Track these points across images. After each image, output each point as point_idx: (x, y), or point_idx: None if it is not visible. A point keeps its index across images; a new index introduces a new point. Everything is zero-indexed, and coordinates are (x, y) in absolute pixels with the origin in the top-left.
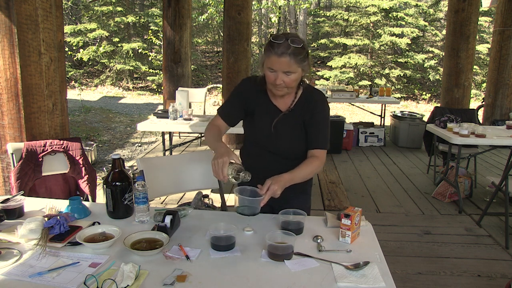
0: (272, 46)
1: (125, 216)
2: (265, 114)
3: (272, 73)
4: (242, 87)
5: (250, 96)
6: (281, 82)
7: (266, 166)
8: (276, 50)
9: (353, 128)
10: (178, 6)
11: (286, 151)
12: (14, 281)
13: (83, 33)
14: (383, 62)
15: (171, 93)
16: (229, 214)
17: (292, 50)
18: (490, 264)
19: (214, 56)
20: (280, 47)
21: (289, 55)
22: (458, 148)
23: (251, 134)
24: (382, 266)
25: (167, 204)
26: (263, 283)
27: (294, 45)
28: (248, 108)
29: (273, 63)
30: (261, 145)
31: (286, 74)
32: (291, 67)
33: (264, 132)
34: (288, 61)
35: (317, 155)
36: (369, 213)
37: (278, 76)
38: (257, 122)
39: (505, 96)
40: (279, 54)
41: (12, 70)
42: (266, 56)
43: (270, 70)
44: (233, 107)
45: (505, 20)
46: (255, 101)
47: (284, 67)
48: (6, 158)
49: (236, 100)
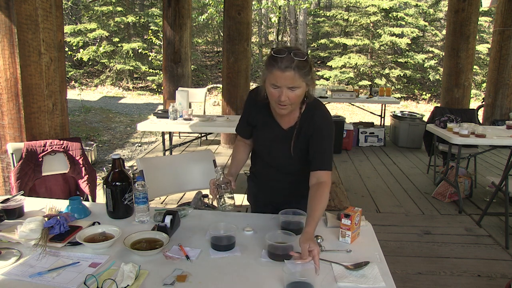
0: (274, 60)
1: (125, 216)
2: (266, 130)
3: (276, 90)
4: (247, 101)
5: (253, 110)
6: (286, 99)
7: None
8: (280, 64)
9: (353, 128)
10: (178, 6)
11: (285, 166)
12: (14, 281)
13: (83, 33)
14: (383, 62)
15: (171, 93)
16: (229, 214)
17: (296, 64)
18: (490, 264)
19: (214, 56)
20: (283, 61)
21: (293, 69)
22: (458, 148)
23: (255, 144)
24: (382, 266)
25: (167, 204)
26: (263, 283)
27: (297, 58)
28: (252, 121)
29: (276, 79)
30: (262, 158)
31: (290, 90)
32: (295, 81)
33: (264, 147)
34: (293, 75)
35: (324, 180)
36: (369, 213)
37: (283, 93)
38: (259, 137)
39: (505, 96)
40: (282, 69)
41: (12, 70)
42: (268, 71)
43: (274, 86)
44: (243, 123)
45: (505, 20)
46: (257, 116)
47: (288, 82)
48: (6, 158)
49: (245, 115)
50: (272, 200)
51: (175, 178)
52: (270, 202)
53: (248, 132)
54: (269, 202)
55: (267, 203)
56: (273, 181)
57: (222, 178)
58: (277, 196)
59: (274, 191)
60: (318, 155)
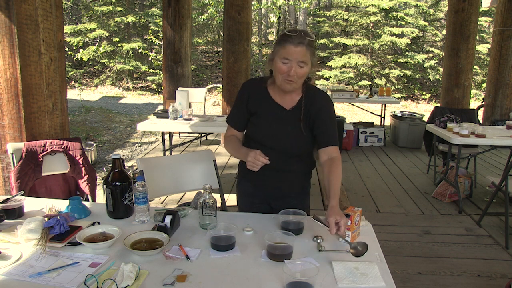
0: (288, 36)
1: (125, 216)
2: (269, 114)
3: (286, 64)
4: (243, 90)
5: (252, 97)
6: (294, 74)
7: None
8: (293, 40)
9: (353, 128)
10: (178, 6)
11: (290, 148)
12: (14, 281)
13: (83, 33)
14: (383, 62)
15: (171, 93)
16: (229, 214)
17: (308, 41)
18: (490, 264)
19: (214, 56)
20: (296, 38)
21: (306, 45)
22: (458, 148)
23: (254, 133)
24: (382, 266)
25: (167, 204)
26: (263, 283)
27: (308, 37)
28: (251, 108)
29: (289, 53)
30: (265, 143)
31: (299, 66)
32: (305, 57)
33: (268, 131)
34: (305, 51)
35: (335, 155)
36: (369, 213)
37: (292, 67)
38: (261, 121)
39: (505, 96)
40: (295, 44)
41: (12, 70)
42: (280, 46)
43: (284, 60)
44: (239, 113)
45: (505, 20)
46: (257, 101)
47: (300, 56)
48: (6, 158)
49: (240, 105)
50: (269, 196)
51: (175, 178)
52: (266, 200)
53: (244, 122)
54: (265, 200)
55: (263, 202)
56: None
57: (209, 197)
58: (276, 189)
59: (274, 182)
60: (326, 132)
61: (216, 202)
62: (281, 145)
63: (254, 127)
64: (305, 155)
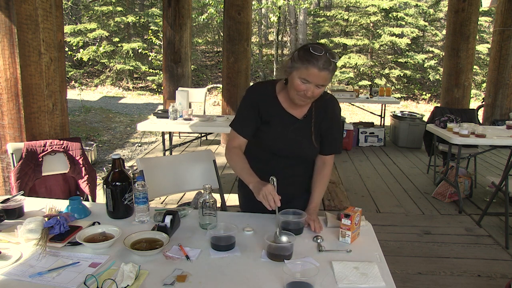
0: (312, 57)
1: (125, 216)
2: (281, 123)
3: (305, 84)
4: (252, 96)
5: (262, 106)
6: (311, 95)
7: (277, 170)
8: (318, 63)
9: (353, 128)
10: (178, 6)
11: (301, 156)
12: (14, 281)
13: (83, 33)
14: (383, 62)
15: (171, 93)
16: (229, 214)
17: (333, 67)
18: (490, 264)
19: (214, 56)
20: (322, 61)
21: (330, 70)
22: (458, 148)
23: (264, 140)
24: (382, 266)
25: (167, 204)
26: (263, 283)
27: (334, 61)
28: (264, 116)
29: (311, 76)
30: (275, 152)
31: (317, 87)
32: (327, 81)
33: (281, 140)
34: (328, 76)
35: (328, 162)
36: (369, 213)
37: (311, 88)
38: (273, 130)
39: (505, 96)
40: (320, 68)
41: (12, 70)
42: (303, 66)
43: (303, 81)
44: (248, 119)
45: (505, 20)
46: (268, 111)
47: (321, 81)
48: (6, 158)
49: (250, 111)
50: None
51: (175, 178)
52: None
53: (253, 129)
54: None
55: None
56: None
57: (209, 197)
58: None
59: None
60: (333, 142)
61: (216, 202)
62: (293, 153)
63: (263, 135)
64: (313, 159)
